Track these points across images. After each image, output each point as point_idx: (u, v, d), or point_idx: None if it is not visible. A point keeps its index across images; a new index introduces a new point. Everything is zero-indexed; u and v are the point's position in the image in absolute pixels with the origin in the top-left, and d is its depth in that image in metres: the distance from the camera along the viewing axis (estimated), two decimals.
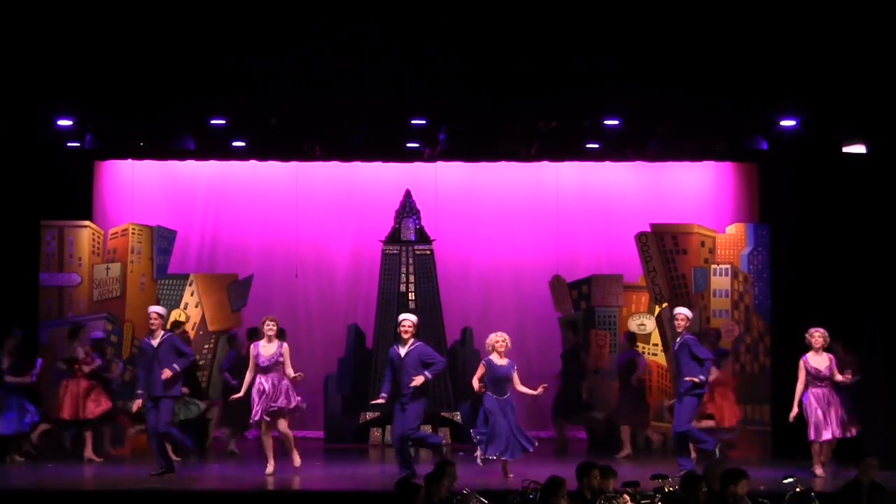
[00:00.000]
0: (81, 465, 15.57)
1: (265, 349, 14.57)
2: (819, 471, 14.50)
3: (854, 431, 14.85)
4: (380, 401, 14.51)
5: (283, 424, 14.43)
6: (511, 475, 13.92)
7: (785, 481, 11.74)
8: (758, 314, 17.06)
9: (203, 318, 17.68)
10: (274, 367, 14.46)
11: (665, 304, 17.29)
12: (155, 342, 14.41)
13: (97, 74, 14.83)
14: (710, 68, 14.77)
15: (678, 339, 14.59)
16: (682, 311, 14.85)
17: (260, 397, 14.38)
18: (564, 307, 18.29)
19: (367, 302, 19.02)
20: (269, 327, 14.64)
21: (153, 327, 14.50)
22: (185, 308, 17.67)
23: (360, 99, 15.21)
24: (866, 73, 14.58)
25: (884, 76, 14.57)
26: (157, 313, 14.64)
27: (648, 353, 17.01)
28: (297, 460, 14.62)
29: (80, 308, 17.10)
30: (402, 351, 14.13)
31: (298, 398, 14.56)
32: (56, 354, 16.77)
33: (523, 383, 14.67)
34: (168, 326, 15.76)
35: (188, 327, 17.53)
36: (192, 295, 17.74)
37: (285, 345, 14.71)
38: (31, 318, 16.86)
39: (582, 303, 18.10)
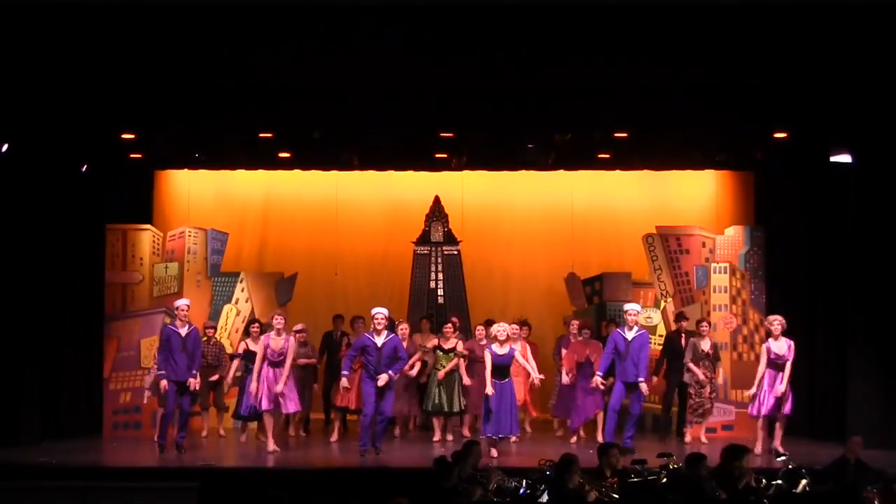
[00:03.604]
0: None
1: (274, 342, 14.63)
2: (759, 448, 14.44)
3: (787, 410, 14.67)
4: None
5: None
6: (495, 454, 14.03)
7: (777, 459, 11.86)
8: (754, 308, 16.99)
9: (252, 311, 17.65)
10: (283, 360, 14.55)
11: (670, 300, 17.34)
12: (183, 332, 14.61)
13: (157, 95, 14.84)
14: (713, 86, 14.60)
15: (634, 332, 14.78)
16: (634, 307, 15.17)
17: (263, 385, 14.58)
18: (578, 301, 18.24)
19: (400, 297, 19.06)
20: (278, 321, 14.67)
21: (184, 318, 14.66)
22: (237, 302, 17.72)
23: (394, 114, 15.16)
24: (850, 94, 14.54)
25: (865, 96, 14.53)
26: (187, 305, 14.88)
27: (654, 344, 16.96)
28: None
29: (142, 303, 17.16)
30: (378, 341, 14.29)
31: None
32: (119, 346, 16.86)
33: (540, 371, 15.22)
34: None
35: (239, 321, 17.59)
36: (242, 291, 17.79)
37: (291, 339, 14.76)
38: (98, 313, 17.04)
39: (595, 298, 18.04)
